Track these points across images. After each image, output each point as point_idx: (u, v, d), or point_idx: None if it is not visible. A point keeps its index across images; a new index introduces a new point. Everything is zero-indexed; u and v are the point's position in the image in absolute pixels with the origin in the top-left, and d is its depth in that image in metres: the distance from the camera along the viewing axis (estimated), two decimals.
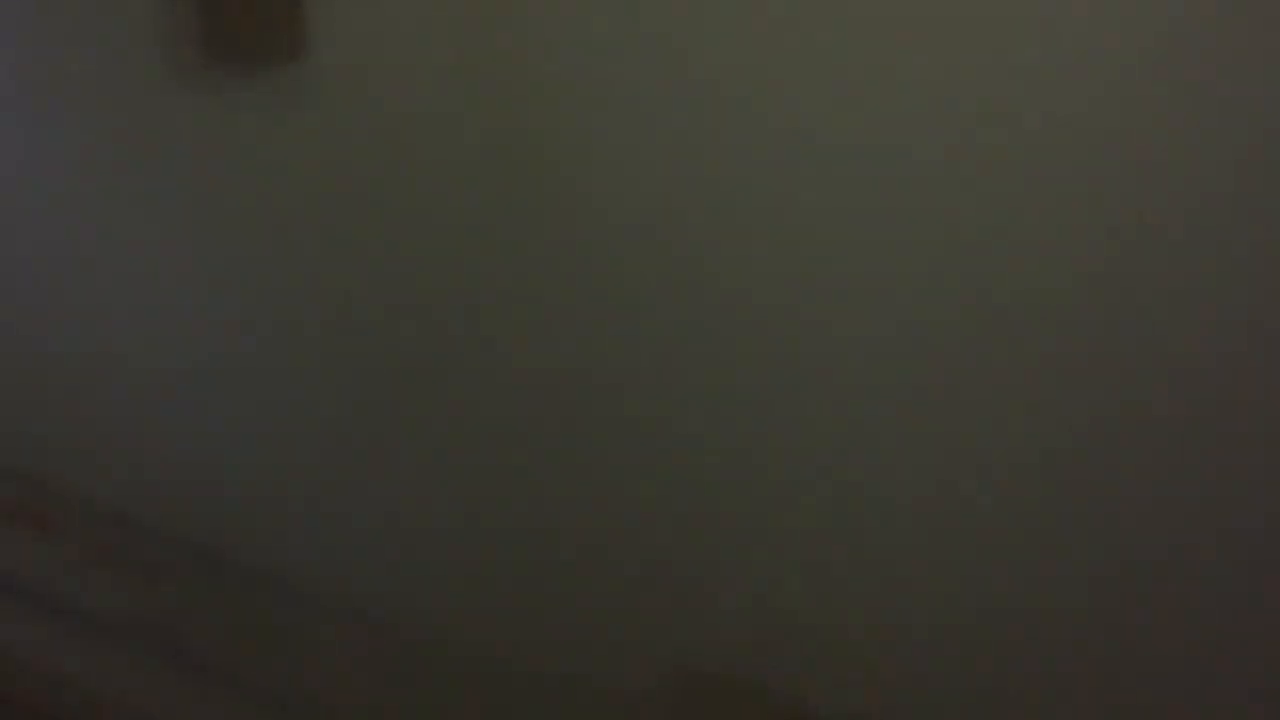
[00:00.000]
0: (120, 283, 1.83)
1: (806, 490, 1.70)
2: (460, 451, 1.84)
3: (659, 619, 1.81)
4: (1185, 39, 1.47)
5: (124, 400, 1.83)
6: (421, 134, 1.74)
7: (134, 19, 1.80)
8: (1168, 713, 1.63)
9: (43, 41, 1.87)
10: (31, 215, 1.86)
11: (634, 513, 1.79)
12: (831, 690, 1.75)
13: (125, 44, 1.81)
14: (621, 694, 1.83)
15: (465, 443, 1.83)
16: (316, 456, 1.88)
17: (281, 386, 1.87)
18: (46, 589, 1.81)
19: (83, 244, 1.84)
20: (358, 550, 1.90)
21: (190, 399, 1.89)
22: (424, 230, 1.77)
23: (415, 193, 1.76)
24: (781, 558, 1.74)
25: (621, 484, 1.78)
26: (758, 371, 1.69)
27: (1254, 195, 1.48)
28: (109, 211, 1.83)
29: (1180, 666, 1.62)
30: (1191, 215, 1.50)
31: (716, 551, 1.76)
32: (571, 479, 1.80)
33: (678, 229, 1.67)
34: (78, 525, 1.80)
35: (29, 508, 1.82)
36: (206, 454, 1.92)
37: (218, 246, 1.82)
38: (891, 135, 1.56)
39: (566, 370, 1.76)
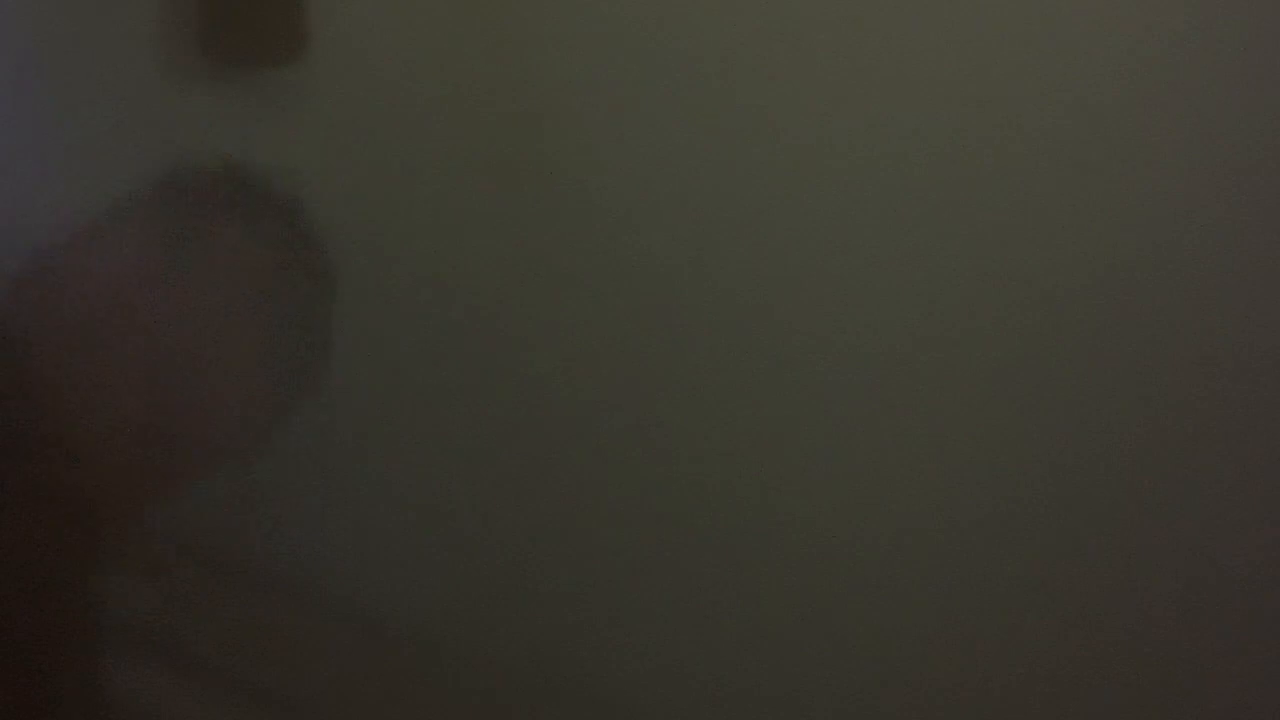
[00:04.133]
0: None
1: (802, 490, 1.70)
2: (461, 452, 1.84)
3: (656, 620, 1.81)
4: (1189, 36, 1.47)
5: None
6: (422, 134, 1.74)
7: (134, 19, 1.80)
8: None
9: (42, 41, 1.87)
10: (31, 216, 1.86)
11: (633, 513, 1.79)
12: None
13: (125, 44, 1.81)
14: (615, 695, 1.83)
15: (466, 443, 1.83)
16: (317, 457, 1.88)
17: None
18: None
19: None
20: (358, 550, 1.91)
21: None
22: (424, 230, 1.77)
23: (415, 193, 1.76)
24: (778, 554, 1.74)
25: (623, 484, 1.78)
26: (757, 370, 1.69)
27: (1258, 195, 1.48)
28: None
29: (1180, 667, 1.62)
30: (1195, 213, 1.50)
31: (715, 552, 1.77)
32: (572, 480, 1.81)
33: (681, 230, 1.67)
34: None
35: None
36: None
37: None
38: (898, 140, 1.56)
39: (568, 370, 1.77)
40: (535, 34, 1.69)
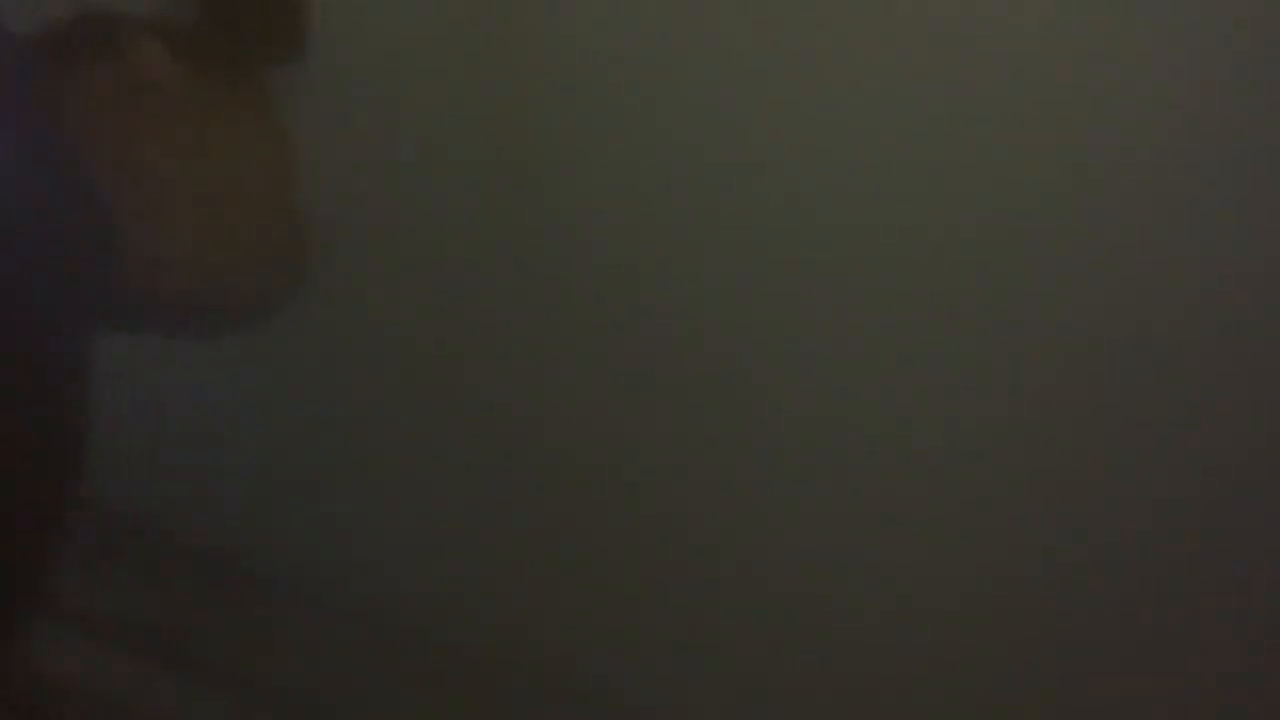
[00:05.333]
0: None
1: (799, 493, 1.71)
2: (460, 452, 1.84)
3: (656, 619, 1.81)
4: (1193, 33, 1.47)
5: (124, 400, 1.83)
6: (422, 135, 1.74)
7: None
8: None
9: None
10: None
11: (633, 512, 1.79)
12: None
13: None
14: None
15: (465, 442, 1.83)
16: (317, 457, 1.89)
17: (282, 386, 1.87)
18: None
19: None
20: (357, 550, 1.91)
21: (190, 399, 1.89)
22: (425, 230, 1.77)
23: (415, 193, 1.76)
24: (777, 554, 1.74)
25: (623, 484, 1.79)
26: (756, 371, 1.69)
27: (1260, 194, 1.48)
28: None
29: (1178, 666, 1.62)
30: (1196, 210, 1.50)
31: (717, 553, 1.77)
32: (572, 479, 1.81)
33: (682, 232, 1.67)
34: (78, 525, 1.80)
35: None
36: (207, 454, 1.92)
37: None
38: (908, 151, 1.56)
39: (568, 371, 1.77)
40: (539, 33, 1.69)
